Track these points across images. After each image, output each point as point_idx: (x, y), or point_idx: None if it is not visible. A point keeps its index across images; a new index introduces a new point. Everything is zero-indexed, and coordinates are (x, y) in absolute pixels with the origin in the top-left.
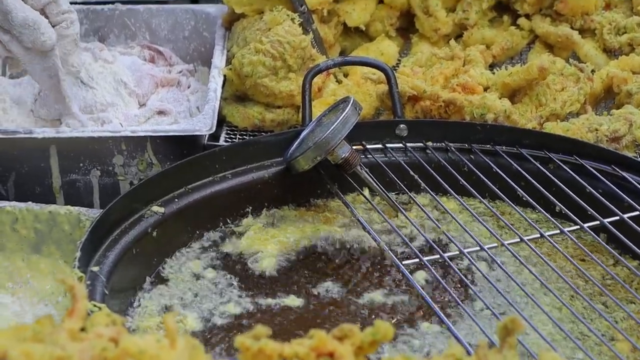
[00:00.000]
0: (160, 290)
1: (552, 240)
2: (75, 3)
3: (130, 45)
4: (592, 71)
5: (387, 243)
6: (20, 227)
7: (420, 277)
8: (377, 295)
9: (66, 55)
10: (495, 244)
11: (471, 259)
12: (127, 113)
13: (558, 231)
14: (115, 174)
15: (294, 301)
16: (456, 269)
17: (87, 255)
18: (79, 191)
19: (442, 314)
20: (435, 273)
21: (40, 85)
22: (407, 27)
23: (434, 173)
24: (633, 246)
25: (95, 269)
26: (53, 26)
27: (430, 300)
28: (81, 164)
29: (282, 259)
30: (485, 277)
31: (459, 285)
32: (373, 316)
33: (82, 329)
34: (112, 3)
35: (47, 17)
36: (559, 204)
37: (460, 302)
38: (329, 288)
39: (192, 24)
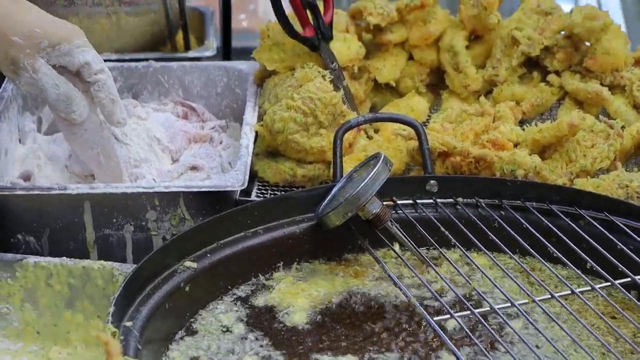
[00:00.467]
0: (189, 344)
1: (583, 297)
2: (110, 60)
3: (164, 101)
4: (622, 127)
5: (417, 298)
6: (54, 282)
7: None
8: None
9: (109, 115)
10: (526, 300)
11: (502, 315)
12: (160, 169)
13: (589, 288)
14: (148, 229)
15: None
16: (486, 325)
17: (120, 310)
18: (112, 246)
19: None
20: (467, 329)
21: (83, 155)
22: (437, 83)
23: (464, 229)
24: None
25: (129, 323)
26: (88, 88)
27: (460, 355)
28: (114, 220)
29: (312, 313)
30: (516, 333)
31: (490, 341)
32: None
33: None
34: (146, 60)
35: (81, 79)
36: (590, 261)
37: (491, 358)
38: (358, 343)
39: (225, 80)
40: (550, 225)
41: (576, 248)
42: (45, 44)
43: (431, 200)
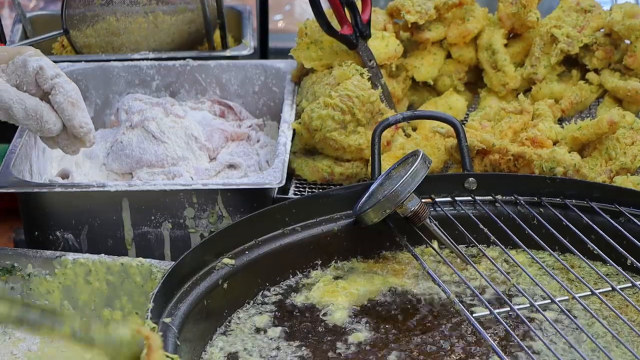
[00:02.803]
0: (226, 341)
1: (623, 294)
2: (147, 59)
3: (201, 100)
4: None
5: (456, 295)
6: (93, 279)
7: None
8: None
9: (69, 120)
10: (566, 297)
11: (542, 311)
12: (197, 167)
13: (630, 284)
14: (186, 227)
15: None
16: (527, 322)
17: (159, 307)
18: (151, 243)
19: None
20: (507, 326)
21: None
22: (475, 82)
23: (504, 226)
24: None
25: (168, 320)
26: (45, 94)
27: (501, 353)
28: (153, 217)
29: (352, 312)
30: (557, 330)
31: (530, 338)
32: None
33: None
34: (184, 59)
35: (41, 90)
36: (630, 257)
37: (532, 355)
38: (399, 341)
39: (262, 79)
40: (590, 222)
41: (616, 245)
42: None
43: (470, 198)
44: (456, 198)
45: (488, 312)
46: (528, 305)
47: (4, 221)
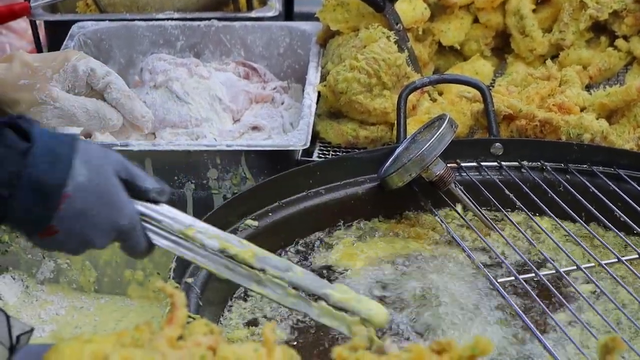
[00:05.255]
0: (244, 307)
1: None
2: (172, 19)
3: (225, 61)
4: None
5: (480, 260)
6: None
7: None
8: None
9: (130, 112)
10: (592, 264)
11: (567, 277)
12: (221, 128)
13: None
14: (209, 188)
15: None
16: (551, 287)
17: (182, 267)
18: (174, 204)
19: (538, 332)
20: (532, 291)
21: None
22: (502, 47)
23: (529, 192)
24: None
25: (190, 280)
26: (97, 93)
27: (525, 318)
28: (176, 177)
29: (370, 278)
30: (582, 296)
31: (555, 305)
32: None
33: (180, 337)
34: (208, 20)
35: (94, 92)
36: None
37: (557, 322)
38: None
39: (287, 41)
40: (617, 189)
41: None
42: (50, 72)
43: (496, 163)
44: (482, 163)
45: (513, 278)
46: (554, 271)
47: None
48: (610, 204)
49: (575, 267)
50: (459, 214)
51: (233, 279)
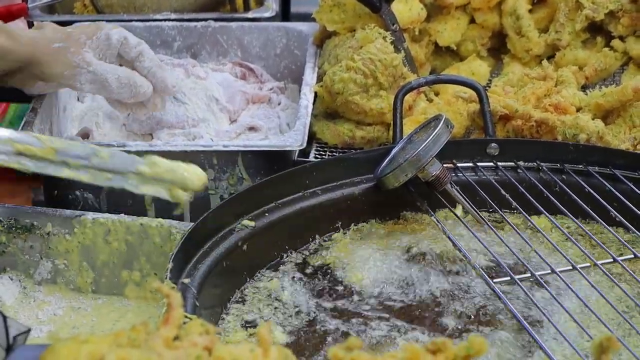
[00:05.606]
0: (241, 310)
1: None
2: (169, 20)
3: (222, 62)
4: None
5: (477, 261)
6: (112, 239)
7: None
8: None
9: (162, 81)
10: (588, 264)
11: (563, 277)
12: (218, 129)
13: None
14: (206, 188)
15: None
16: (547, 288)
17: (178, 267)
18: (170, 204)
19: (534, 332)
20: (527, 292)
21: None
22: (499, 48)
23: (525, 192)
24: None
25: (187, 280)
26: (129, 63)
27: (521, 317)
28: None
29: (370, 276)
30: (577, 296)
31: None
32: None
33: (176, 338)
34: (205, 20)
35: (125, 60)
36: None
37: (553, 322)
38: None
39: (284, 41)
40: (613, 189)
41: (639, 212)
42: (84, 37)
43: (492, 164)
44: (478, 163)
45: (509, 278)
46: (549, 271)
47: (22, 181)
48: (606, 204)
49: (571, 267)
50: (455, 214)
51: (40, 170)
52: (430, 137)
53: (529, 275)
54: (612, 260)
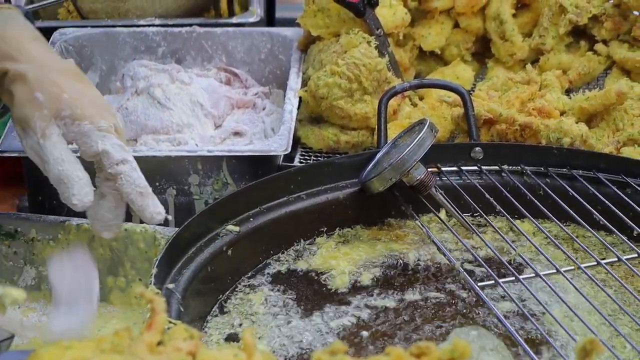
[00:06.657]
0: (230, 309)
1: (629, 264)
2: (153, 25)
3: (207, 67)
4: None
5: (461, 264)
6: (97, 245)
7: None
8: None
9: (141, 211)
10: (572, 267)
11: (546, 281)
12: (202, 134)
13: (636, 255)
14: (190, 193)
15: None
16: (531, 291)
17: (163, 272)
18: None
19: (518, 336)
20: (511, 295)
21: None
22: (483, 52)
23: (510, 196)
24: None
25: (171, 286)
26: (106, 179)
27: (505, 321)
28: (157, 183)
29: (354, 277)
30: (562, 300)
31: (535, 307)
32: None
33: (159, 343)
34: (190, 26)
35: (100, 168)
36: (637, 228)
37: (537, 326)
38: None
39: (269, 46)
40: (597, 193)
41: (623, 216)
42: (67, 113)
43: (476, 168)
44: (462, 167)
45: (493, 282)
46: (533, 275)
47: (7, 187)
48: (590, 207)
49: (555, 271)
50: (440, 218)
51: None
52: (415, 141)
53: (513, 278)
54: (595, 263)
